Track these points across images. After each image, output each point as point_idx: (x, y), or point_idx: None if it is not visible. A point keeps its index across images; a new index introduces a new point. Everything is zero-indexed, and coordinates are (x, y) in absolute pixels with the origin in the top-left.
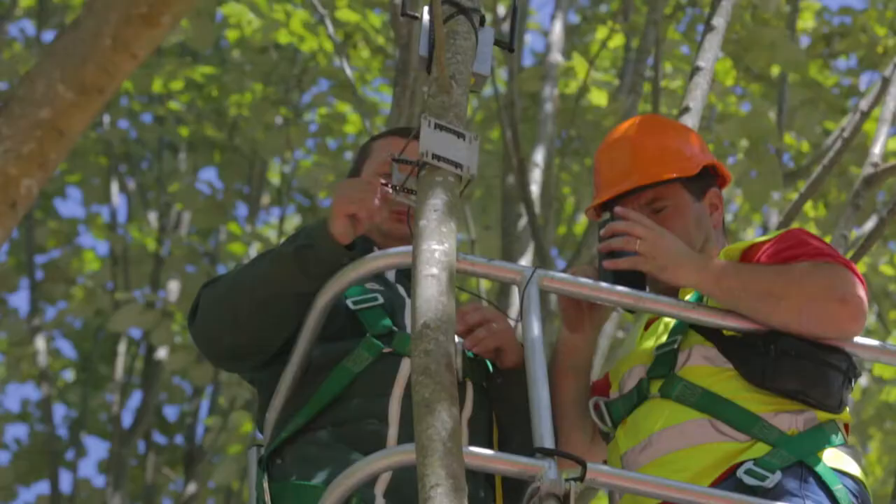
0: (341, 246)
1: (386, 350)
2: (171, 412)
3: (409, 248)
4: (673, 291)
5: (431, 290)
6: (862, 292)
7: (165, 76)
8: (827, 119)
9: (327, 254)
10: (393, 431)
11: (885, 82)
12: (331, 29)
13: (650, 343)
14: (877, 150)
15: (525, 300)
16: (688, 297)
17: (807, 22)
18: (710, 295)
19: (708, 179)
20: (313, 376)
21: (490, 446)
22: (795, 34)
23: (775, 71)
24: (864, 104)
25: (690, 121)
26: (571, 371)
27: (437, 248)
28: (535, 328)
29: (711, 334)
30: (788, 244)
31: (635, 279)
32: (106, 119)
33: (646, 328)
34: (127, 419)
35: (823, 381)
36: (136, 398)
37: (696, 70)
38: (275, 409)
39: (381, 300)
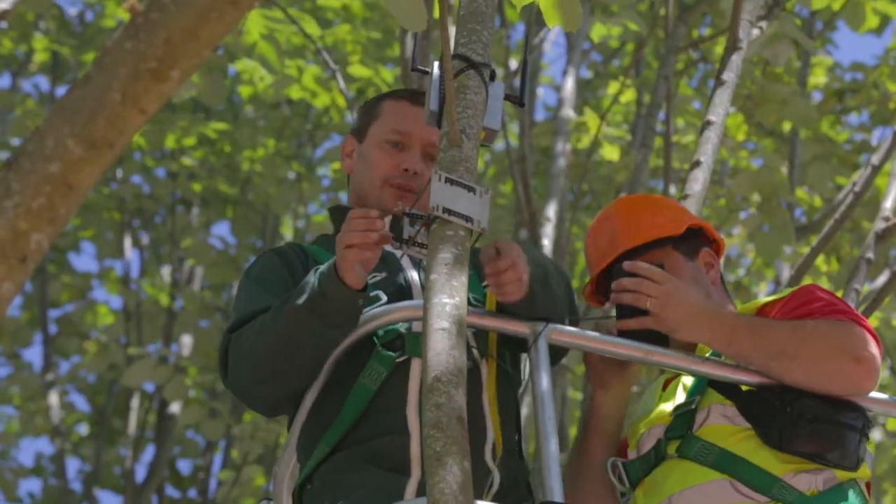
0: (356, 291)
1: (399, 360)
2: (184, 466)
3: (421, 301)
4: (689, 346)
5: (442, 344)
6: (875, 349)
7: (178, 132)
8: (839, 174)
9: (343, 302)
10: (415, 444)
11: None
12: (343, 84)
13: (668, 403)
14: (888, 204)
15: (534, 354)
16: (707, 354)
17: (818, 78)
18: (722, 353)
19: (698, 241)
20: (332, 394)
21: (515, 427)
22: (807, 90)
23: (787, 126)
24: (875, 159)
25: (702, 175)
26: (602, 436)
27: (447, 302)
28: (545, 382)
29: (730, 392)
30: (801, 301)
31: (651, 335)
32: (119, 174)
33: (664, 388)
34: (140, 473)
35: (840, 443)
36: (149, 452)
37: (706, 124)
38: (295, 433)
39: (384, 298)
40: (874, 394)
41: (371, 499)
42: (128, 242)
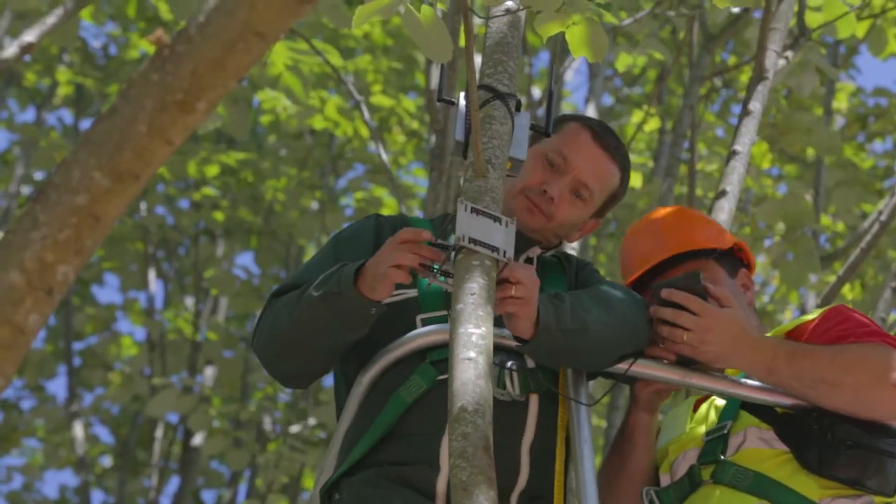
0: (371, 301)
1: (441, 378)
2: (208, 497)
3: (447, 325)
4: None
5: (469, 374)
6: None
7: (200, 161)
8: (863, 200)
9: (358, 308)
10: (443, 479)
11: None
12: (366, 114)
13: (700, 427)
14: None
15: (568, 376)
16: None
17: (841, 103)
18: (762, 382)
19: (738, 260)
20: (374, 401)
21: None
22: (831, 117)
23: (810, 153)
24: None
25: (727, 204)
26: (645, 452)
27: (474, 332)
28: (583, 408)
29: (766, 415)
30: (834, 322)
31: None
32: (143, 205)
33: (694, 409)
34: None
35: (880, 470)
36: (173, 483)
37: (732, 154)
38: (338, 439)
39: None
40: None
41: None
42: (152, 274)
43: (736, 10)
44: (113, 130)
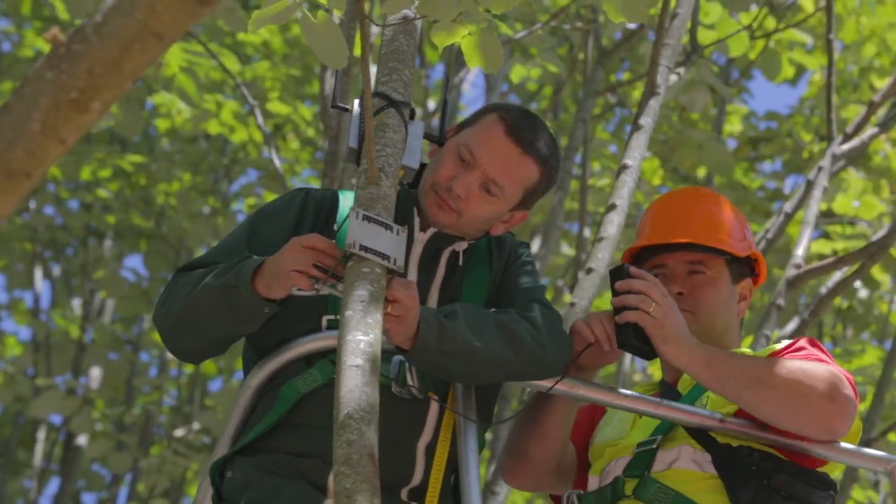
0: (265, 301)
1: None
2: (89, 500)
3: (335, 332)
4: (673, 370)
5: (355, 381)
6: (851, 395)
7: (94, 164)
8: (752, 221)
9: (249, 303)
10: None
11: (809, 185)
12: (261, 120)
13: (638, 435)
14: (800, 252)
15: (458, 388)
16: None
17: (734, 126)
18: (699, 378)
19: (747, 268)
20: (272, 388)
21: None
22: (722, 137)
23: (702, 172)
24: (788, 206)
25: (617, 218)
26: (560, 414)
27: (362, 339)
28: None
29: (705, 440)
30: (796, 348)
31: (639, 349)
32: (32, 205)
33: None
34: None
35: None
36: (54, 485)
37: (622, 168)
38: (232, 426)
39: None
40: (843, 444)
41: None
42: (38, 273)
43: (631, 25)
44: (6, 128)
